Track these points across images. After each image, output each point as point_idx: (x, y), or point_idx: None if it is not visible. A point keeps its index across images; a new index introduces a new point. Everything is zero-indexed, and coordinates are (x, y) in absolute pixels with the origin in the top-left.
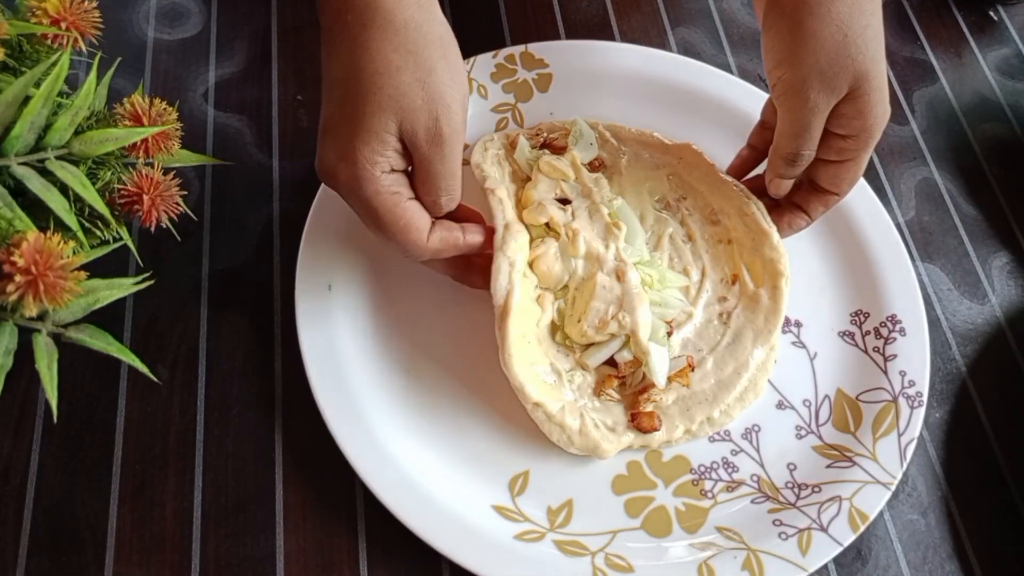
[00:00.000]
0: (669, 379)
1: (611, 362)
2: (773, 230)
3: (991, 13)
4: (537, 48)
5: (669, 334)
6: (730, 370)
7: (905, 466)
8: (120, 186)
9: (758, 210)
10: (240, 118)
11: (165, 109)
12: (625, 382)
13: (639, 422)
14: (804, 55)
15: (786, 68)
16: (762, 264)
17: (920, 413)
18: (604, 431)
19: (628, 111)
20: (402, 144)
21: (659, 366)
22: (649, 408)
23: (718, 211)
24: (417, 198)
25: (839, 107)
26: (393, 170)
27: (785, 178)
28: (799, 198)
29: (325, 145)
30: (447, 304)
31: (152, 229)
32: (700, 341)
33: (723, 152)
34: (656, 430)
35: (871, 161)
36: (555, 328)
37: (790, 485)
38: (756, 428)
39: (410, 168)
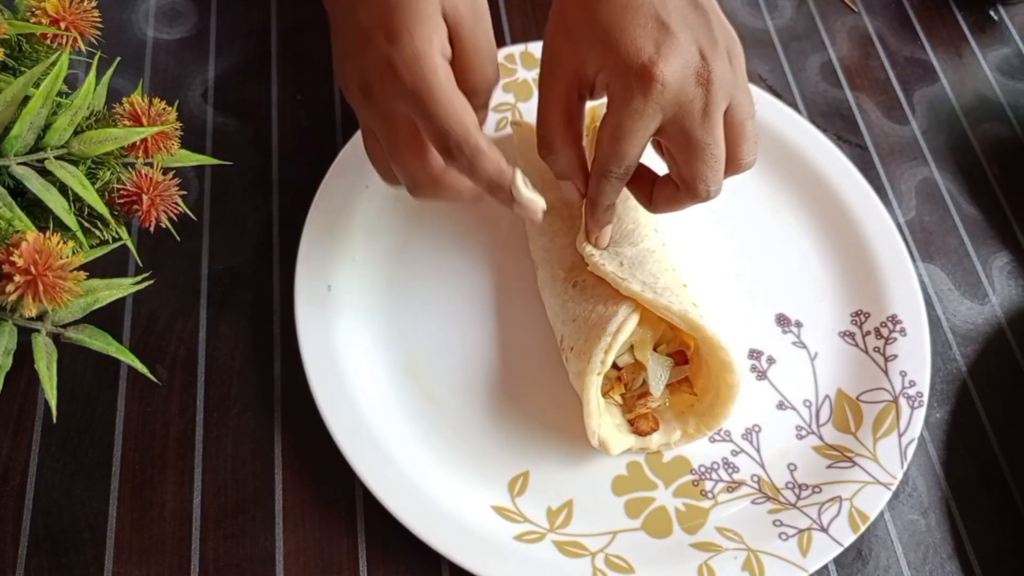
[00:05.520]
0: (673, 388)
1: (615, 365)
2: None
3: (991, 13)
4: (537, 48)
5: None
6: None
7: (906, 466)
8: (119, 186)
9: None
10: (239, 118)
11: (164, 109)
12: (626, 386)
13: (637, 426)
14: None
15: None
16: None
17: (921, 413)
18: (611, 428)
19: None
20: (447, 27)
21: (656, 376)
22: (645, 411)
23: None
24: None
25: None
26: (443, 56)
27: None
28: None
29: (368, 42)
30: (447, 304)
31: (151, 229)
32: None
33: None
34: (655, 431)
35: (871, 161)
36: None
37: (790, 485)
38: (756, 428)
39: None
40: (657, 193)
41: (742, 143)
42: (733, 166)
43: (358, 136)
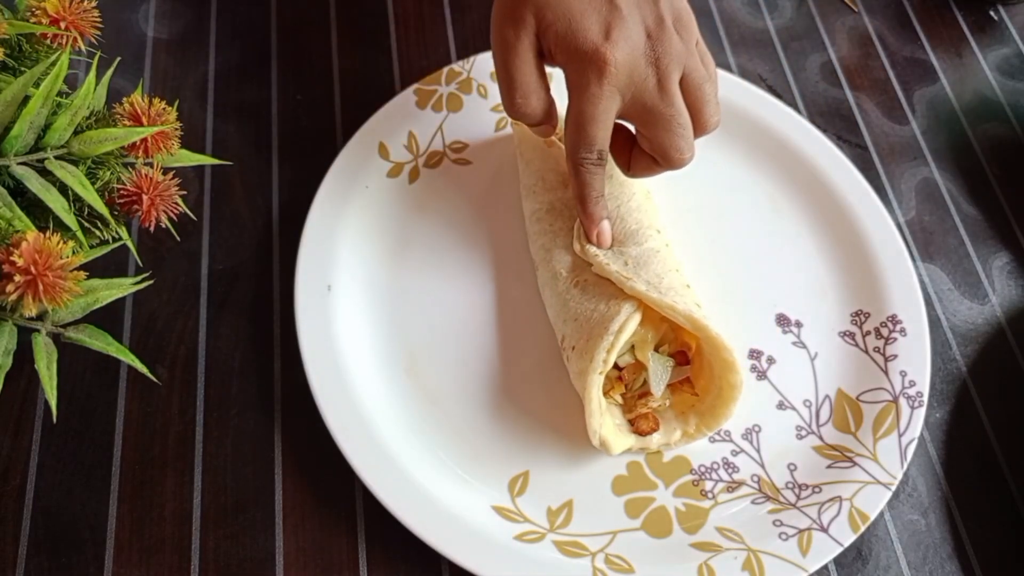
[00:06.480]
0: (674, 388)
1: (616, 365)
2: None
3: (991, 13)
4: None
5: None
6: None
7: (905, 466)
8: (119, 186)
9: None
10: (239, 118)
11: (164, 109)
12: (627, 386)
13: (637, 426)
14: None
15: None
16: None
17: (920, 413)
18: (612, 428)
19: None
20: None
21: (657, 376)
22: (645, 411)
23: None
24: None
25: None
26: None
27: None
28: None
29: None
30: (447, 304)
31: (151, 229)
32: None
33: (718, 151)
34: (655, 431)
35: (871, 161)
36: None
37: (790, 485)
38: (756, 428)
39: None
40: (634, 162)
41: (703, 107)
42: (699, 129)
43: (358, 136)
